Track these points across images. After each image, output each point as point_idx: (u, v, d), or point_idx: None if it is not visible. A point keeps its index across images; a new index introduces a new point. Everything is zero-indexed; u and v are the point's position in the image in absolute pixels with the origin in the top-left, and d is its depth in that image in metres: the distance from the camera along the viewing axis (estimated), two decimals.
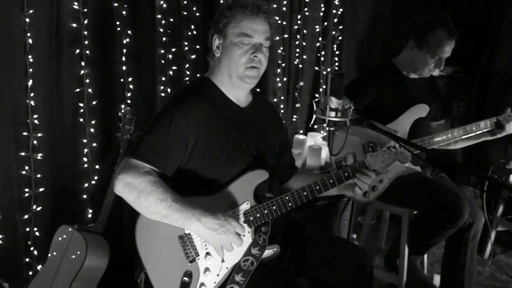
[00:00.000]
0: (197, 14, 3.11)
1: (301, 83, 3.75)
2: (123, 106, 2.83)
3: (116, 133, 2.64)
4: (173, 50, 3.05)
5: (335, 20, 3.85)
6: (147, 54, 2.97)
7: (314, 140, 3.49)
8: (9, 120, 2.56)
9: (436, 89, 2.99)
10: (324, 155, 3.33)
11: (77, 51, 2.70)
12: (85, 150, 2.79)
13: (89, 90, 2.76)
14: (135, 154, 1.79)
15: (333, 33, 3.87)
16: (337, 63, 3.96)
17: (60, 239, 2.49)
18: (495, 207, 3.59)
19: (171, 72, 3.06)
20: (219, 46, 1.94)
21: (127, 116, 2.60)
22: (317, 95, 3.84)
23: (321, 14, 3.75)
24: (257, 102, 2.08)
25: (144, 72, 2.97)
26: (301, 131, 3.78)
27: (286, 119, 3.71)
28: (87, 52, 2.72)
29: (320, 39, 3.78)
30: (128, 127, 2.60)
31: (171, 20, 3.01)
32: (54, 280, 2.42)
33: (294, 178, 2.20)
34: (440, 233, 2.65)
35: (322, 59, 3.82)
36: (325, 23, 3.80)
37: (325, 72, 3.75)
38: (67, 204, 2.81)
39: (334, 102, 1.87)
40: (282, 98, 3.62)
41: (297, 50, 3.69)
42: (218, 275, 1.79)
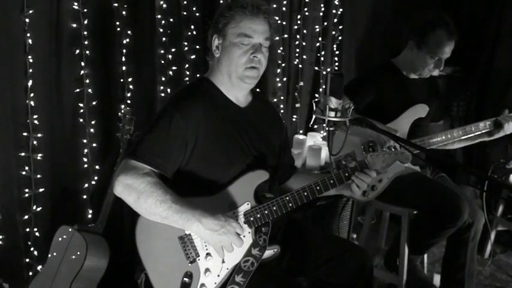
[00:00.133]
0: (197, 14, 3.11)
1: (301, 83, 3.75)
2: (123, 106, 2.83)
3: (116, 133, 2.64)
4: (173, 50, 3.05)
5: (335, 20, 3.85)
6: (147, 55, 2.97)
7: (314, 140, 3.49)
8: (9, 120, 2.56)
9: (435, 89, 2.99)
10: (323, 155, 3.33)
11: (77, 52, 2.70)
12: (85, 150, 2.79)
13: (89, 90, 2.76)
14: (135, 155, 1.79)
15: (333, 33, 3.88)
16: (337, 63, 3.96)
17: (60, 239, 2.49)
18: (495, 206, 3.59)
19: (170, 72, 3.06)
20: (218, 46, 1.94)
21: (127, 116, 2.60)
22: (317, 95, 3.84)
23: (321, 14, 3.75)
24: (257, 102, 2.08)
25: (143, 72, 2.97)
26: (301, 131, 3.78)
27: (286, 119, 3.71)
28: (87, 52, 2.72)
29: (320, 39, 3.78)
30: (128, 127, 2.60)
31: (171, 20, 3.01)
32: (54, 280, 2.42)
33: (293, 178, 2.20)
34: (440, 233, 2.66)
35: (322, 59, 3.82)
36: (325, 23, 3.80)
37: (324, 72, 3.75)
38: (67, 204, 2.81)
39: (333, 102, 1.87)
40: (281, 98, 3.62)
41: (297, 50, 3.69)
42: (218, 276, 1.79)
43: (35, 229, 2.68)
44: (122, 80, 2.88)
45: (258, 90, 2.11)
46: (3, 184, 2.58)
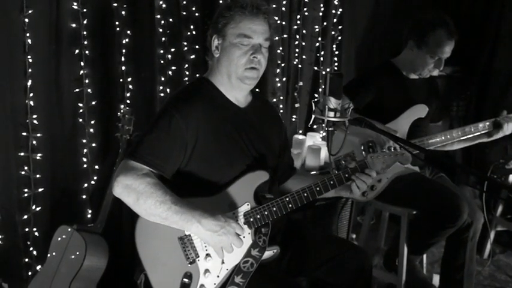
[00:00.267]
0: (196, 14, 3.11)
1: (301, 83, 3.75)
2: (123, 106, 2.83)
3: (115, 133, 2.64)
4: (172, 50, 3.05)
5: (334, 20, 3.85)
6: (147, 55, 2.97)
7: (313, 140, 3.49)
8: (9, 120, 2.56)
9: (435, 90, 2.99)
10: (323, 155, 3.33)
11: (76, 52, 2.70)
12: (84, 150, 2.79)
13: (88, 90, 2.76)
14: (134, 156, 1.78)
15: (332, 33, 3.87)
16: (336, 64, 3.96)
17: (59, 239, 2.48)
18: (494, 206, 3.59)
19: (170, 72, 3.06)
20: (218, 46, 1.93)
21: (126, 116, 2.60)
22: (316, 95, 3.84)
23: (320, 14, 3.75)
24: (257, 103, 2.07)
25: (143, 72, 2.97)
26: (301, 131, 3.78)
27: (286, 119, 3.71)
28: (87, 52, 2.72)
29: (319, 39, 3.78)
30: (127, 127, 2.59)
31: (170, 20, 3.01)
32: (54, 280, 2.41)
33: (292, 179, 2.20)
34: (440, 233, 2.66)
35: (321, 59, 3.82)
36: (325, 23, 3.80)
37: (324, 72, 3.75)
38: (66, 204, 2.81)
39: (333, 103, 1.87)
40: (281, 98, 3.62)
41: (296, 50, 3.69)
42: (218, 277, 1.79)
43: (34, 229, 2.68)
44: (122, 80, 2.88)
45: (257, 90, 2.11)
46: (2, 184, 2.58)
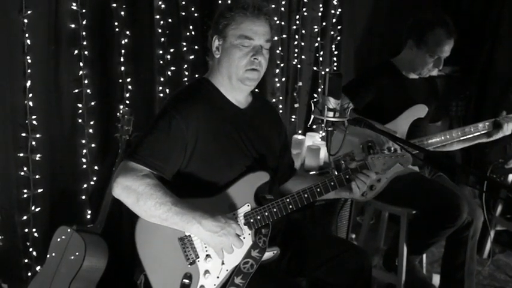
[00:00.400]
0: (195, 14, 3.11)
1: (300, 83, 3.75)
2: (122, 107, 2.83)
3: (115, 134, 2.64)
4: (172, 50, 3.05)
5: (333, 20, 3.86)
6: (146, 55, 2.97)
7: (313, 140, 3.49)
8: (8, 121, 2.56)
9: (434, 90, 2.99)
10: (322, 155, 3.33)
11: (76, 52, 2.70)
12: (84, 150, 2.79)
13: (88, 90, 2.76)
14: (134, 157, 1.78)
15: (332, 33, 3.88)
16: (335, 64, 3.96)
17: (59, 239, 2.48)
18: (494, 206, 3.59)
19: (169, 72, 3.05)
20: (218, 47, 1.92)
21: (125, 116, 2.59)
22: (315, 95, 3.84)
23: (320, 14, 3.76)
24: (257, 103, 2.07)
25: (142, 72, 2.97)
26: (300, 131, 3.79)
27: (285, 119, 3.71)
28: (86, 53, 2.72)
29: (318, 39, 3.79)
30: (127, 128, 2.59)
31: (170, 20, 3.01)
32: (53, 281, 2.41)
33: (292, 180, 2.19)
34: (439, 233, 2.66)
35: (320, 59, 3.82)
36: (324, 23, 3.80)
37: (323, 72, 3.75)
38: (66, 205, 2.81)
39: (332, 103, 1.87)
40: (280, 98, 3.62)
41: (296, 50, 3.69)
42: (218, 277, 1.79)
43: (34, 229, 2.68)
44: (121, 80, 2.88)
45: (256, 90, 2.11)
46: (1, 185, 2.58)
